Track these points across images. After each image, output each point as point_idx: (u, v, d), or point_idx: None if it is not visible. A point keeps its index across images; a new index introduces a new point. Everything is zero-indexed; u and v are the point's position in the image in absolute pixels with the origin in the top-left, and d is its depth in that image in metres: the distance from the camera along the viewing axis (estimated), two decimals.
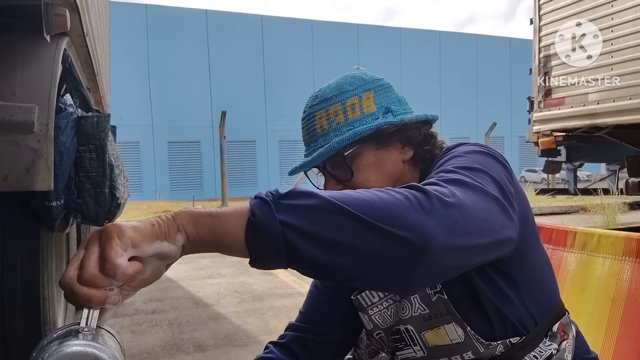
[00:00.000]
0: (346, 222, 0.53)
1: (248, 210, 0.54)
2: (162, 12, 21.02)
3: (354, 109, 0.84)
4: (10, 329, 1.64)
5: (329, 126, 0.84)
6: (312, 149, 0.85)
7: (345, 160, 0.83)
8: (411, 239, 0.53)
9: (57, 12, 1.59)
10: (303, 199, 0.55)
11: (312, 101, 0.87)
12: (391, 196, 0.56)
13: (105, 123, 1.80)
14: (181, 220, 0.53)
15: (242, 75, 21.53)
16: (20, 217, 1.65)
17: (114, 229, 0.50)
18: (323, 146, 0.82)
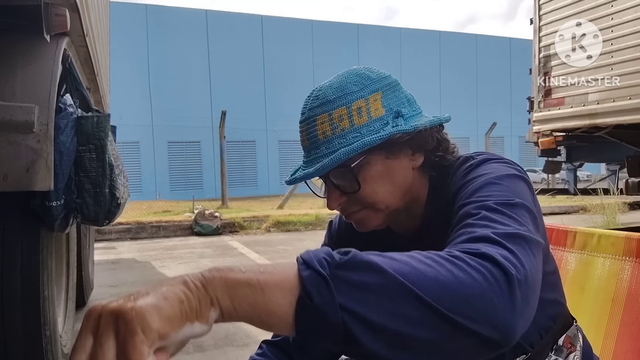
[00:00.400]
0: (418, 311, 0.45)
1: (298, 284, 0.45)
2: (162, 12, 21.02)
3: (361, 113, 0.75)
4: (10, 329, 1.64)
5: (332, 132, 0.75)
6: (313, 157, 0.77)
7: (352, 171, 0.75)
8: (491, 336, 0.47)
9: (57, 12, 1.60)
10: (367, 275, 0.46)
11: (312, 102, 0.77)
12: (467, 275, 0.48)
13: (105, 123, 1.80)
14: (215, 292, 0.43)
15: (242, 75, 21.53)
16: (20, 217, 1.65)
17: (137, 319, 0.39)
18: (327, 155, 0.74)
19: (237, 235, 7.58)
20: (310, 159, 0.77)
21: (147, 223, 7.60)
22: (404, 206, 0.81)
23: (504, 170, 0.71)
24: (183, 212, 8.91)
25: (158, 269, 4.98)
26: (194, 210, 8.26)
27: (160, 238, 7.37)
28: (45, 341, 1.70)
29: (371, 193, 0.77)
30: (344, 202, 0.78)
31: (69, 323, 2.37)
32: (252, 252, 5.96)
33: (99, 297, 3.83)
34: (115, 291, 4.04)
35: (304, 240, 6.92)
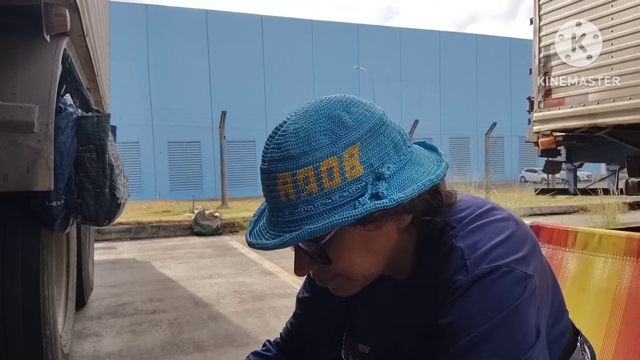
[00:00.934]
0: None
1: None
2: (162, 12, 21.03)
3: (332, 174, 0.59)
4: (10, 329, 1.64)
5: (296, 197, 0.60)
6: (275, 220, 0.64)
7: (321, 248, 0.63)
8: None
9: (57, 12, 1.60)
10: None
11: (272, 151, 0.62)
12: None
13: (105, 123, 1.80)
14: None
15: (242, 75, 21.53)
16: (20, 217, 1.65)
17: None
18: (290, 225, 0.61)
19: (237, 235, 7.58)
20: (272, 221, 0.64)
21: (147, 223, 7.60)
22: (386, 268, 0.70)
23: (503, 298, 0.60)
24: (183, 212, 8.91)
25: (158, 269, 4.98)
26: (194, 210, 8.26)
27: (160, 238, 7.37)
28: (45, 341, 1.70)
29: (346, 266, 0.66)
30: (315, 269, 0.68)
31: (69, 323, 2.37)
32: (252, 252, 5.96)
33: (99, 297, 3.83)
34: (115, 291, 4.04)
35: None
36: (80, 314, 3.33)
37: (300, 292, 0.92)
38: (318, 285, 0.74)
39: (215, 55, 21.37)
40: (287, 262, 5.17)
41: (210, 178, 18.68)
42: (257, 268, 4.99)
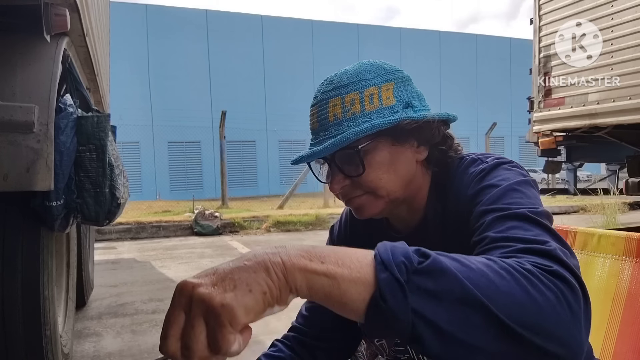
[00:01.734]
0: (488, 325, 0.46)
1: (374, 281, 0.47)
2: (162, 12, 21.02)
3: (372, 99, 0.76)
4: (10, 329, 1.64)
5: (342, 115, 0.76)
6: (321, 138, 0.77)
7: (358, 153, 0.75)
8: (558, 352, 0.48)
9: (57, 12, 1.60)
10: (442, 283, 0.47)
11: (325, 86, 0.79)
12: (541, 293, 0.48)
13: (105, 123, 1.80)
14: (294, 282, 0.46)
15: (242, 75, 21.53)
16: (20, 217, 1.65)
17: (225, 314, 0.43)
18: (335, 136, 0.75)
19: (237, 235, 7.58)
20: (317, 141, 0.78)
21: (147, 223, 7.60)
22: (404, 197, 0.81)
23: (518, 176, 0.72)
24: (183, 212, 8.91)
25: (158, 269, 4.98)
26: (194, 210, 8.26)
27: (160, 238, 7.37)
28: (45, 341, 1.70)
29: (375, 178, 0.77)
30: (347, 186, 0.78)
31: (69, 323, 2.37)
32: None
33: (99, 297, 3.83)
34: (115, 291, 4.04)
35: (304, 240, 6.92)
36: (81, 314, 3.33)
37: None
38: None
39: (215, 55, 21.37)
40: None
41: (210, 178, 18.69)
42: None
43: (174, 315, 0.44)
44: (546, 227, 0.61)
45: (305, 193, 13.00)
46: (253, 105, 21.27)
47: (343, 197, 0.80)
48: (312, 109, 0.80)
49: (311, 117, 0.80)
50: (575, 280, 0.52)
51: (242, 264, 0.46)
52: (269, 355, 0.93)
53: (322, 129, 0.78)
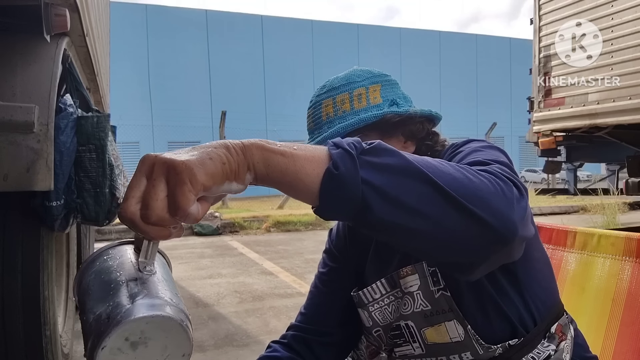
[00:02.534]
0: (431, 193, 0.51)
1: (327, 158, 0.51)
2: (162, 12, 21.03)
3: (360, 98, 0.84)
4: (10, 329, 1.64)
5: (334, 114, 0.84)
6: (316, 136, 0.86)
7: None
8: (495, 225, 0.52)
9: (57, 12, 1.60)
10: (388, 158, 0.52)
11: (320, 90, 0.89)
12: (475, 177, 0.54)
13: (105, 123, 1.80)
14: (252, 158, 0.49)
15: (242, 75, 21.53)
16: (20, 217, 1.65)
17: (185, 171, 0.45)
18: (327, 132, 0.83)
19: (237, 235, 7.58)
20: (312, 138, 0.86)
21: None
22: None
23: (488, 144, 0.77)
24: None
25: None
26: None
27: None
28: (45, 341, 1.70)
29: None
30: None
31: (69, 323, 2.37)
32: (252, 252, 5.96)
33: None
34: None
35: (304, 240, 6.92)
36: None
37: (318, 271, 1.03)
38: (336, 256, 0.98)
39: (215, 55, 21.37)
40: (287, 262, 5.17)
41: None
42: (257, 268, 4.99)
43: (135, 179, 0.46)
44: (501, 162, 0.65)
45: None
46: (253, 105, 21.27)
47: None
48: (308, 112, 0.89)
49: (307, 119, 0.89)
50: (512, 179, 0.58)
51: (205, 145, 0.49)
52: (266, 357, 0.93)
53: (316, 128, 0.86)
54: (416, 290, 0.78)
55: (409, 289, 0.79)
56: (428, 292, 0.77)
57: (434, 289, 0.77)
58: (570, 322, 0.84)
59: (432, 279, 0.77)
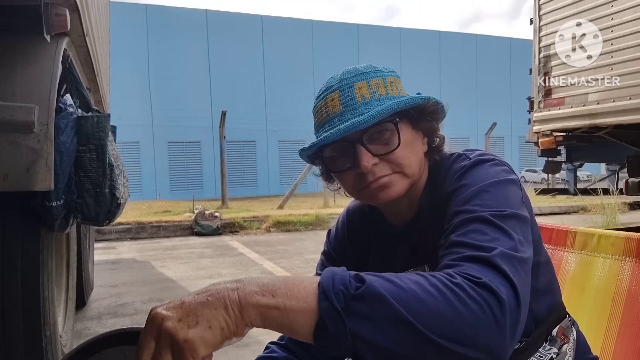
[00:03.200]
0: (420, 343, 0.53)
1: (317, 312, 0.53)
2: (162, 12, 21.03)
3: (392, 86, 0.81)
4: (10, 329, 1.64)
5: (370, 96, 0.79)
6: (348, 118, 0.78)
7: (396, 126, 0.78)
8: (482, 358, 0.54)
9: (57, 12, 1.60)
10: (375, 307, 0.53)
11: (345, 74, 0.82)
12: (466, 306, 0.54)
13: (105, 123, 1.80)
14: (250, 317, 0.53)
15: (242, 75, 21.53)
16: (20, 217, 1.65)
17: (187, 348, 0.50)
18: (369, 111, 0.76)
19: (237, 235, 7.58)
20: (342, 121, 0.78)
21: (147, 223, 7.60)
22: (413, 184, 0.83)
23: (496, 174, 0.75)
24: (183, 212, 8.91)
25: (158, 269, 4.98)
26: (194, 211, 8.26)
27: (160, 238, 7.37)
28: (45, 341, 1.70)
29: (405, 155, 0.79)
30: (375, 165, 0.79)
31: (69, 323, 2.37)
32: (252, 252, 5.96)
33: (99, 297, 3.83)
34: (115, 291, 4.04)
35: (304, 240, 6.92)
36: (80, 314, 3.33)
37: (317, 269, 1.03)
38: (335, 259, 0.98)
39: (215, 55, 21.36)
40: (287, 262, 5.17)
41: (210, 178, 18.68)
42: (257, 268, 4.99)
43: (146, 341, 0.51)
44: (504, 230, 0.65)
45: (305, 193, 13.00)
46: (253, 105, 21.27)
47: (370, 176, 0.79)
48: (331, 95, 0.80)
49: (329, 102, 0.80)
50: (507, 288, 0.57)
51: (205, 299, 0.52)
52: (263, 358, 0.93)
53: (349, 110, 0.78)
54: None
55: None
56: None
57: None
58: (572, 325, 0.83)
59: None
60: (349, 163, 0.80)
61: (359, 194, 0.84)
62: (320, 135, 0.80)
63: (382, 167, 0.79)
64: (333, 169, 0.83)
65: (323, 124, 0.81)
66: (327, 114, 0.80)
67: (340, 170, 0.81)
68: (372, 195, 0.81)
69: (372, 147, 0.78)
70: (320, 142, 0.78)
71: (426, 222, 0.83)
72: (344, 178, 0.82)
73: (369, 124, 0.75)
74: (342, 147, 0.80)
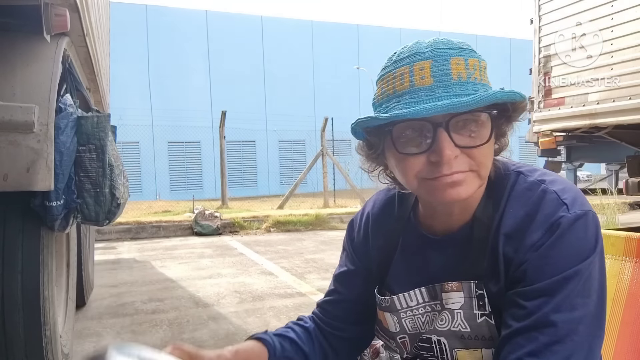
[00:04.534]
0: None
1: None
2: (162, 12, 21.02)
3: (485, 72, 0.71)
4: (10, 329, 1.64)
5: (467, 77, 0.68)
6: (441, 95, 0.67)
7: (490, 119, 0.69)
8: None
9: (57, 12, 1.60)
10: None
11: (438, 44, 0.71)
12: None
13: (105, 123, 1.80)
14: None
15: (242, 75, 21.53)
16: (20, 217, 1.65)
17: None
18: (467, 95, 0.66)
19: (237, 235, 7.58)
20: (437, 96, 0.67)
21: (147, 223, 7.60)
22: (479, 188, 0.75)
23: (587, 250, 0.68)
24: (183, 212, 8.91)
25: (158, 269, 4.98)
26: (194, 211, 8.26)
27: (160, 238, 7.37)
28: (45, 341, 1.70)
29: (486, 154, 0.71)
30: (458, 157, 0.69)
31: (69, 323, 2.37)
32: (252, 252, 5.96)
33: (99, 297, 3.83)
34: (115, 291, 4.04)
35: (304, 240, 6.92)
36: (81, 314, 3.32)
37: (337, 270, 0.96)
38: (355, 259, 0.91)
39: (215, 55, 21.37)
40: (287, 262, 5.17)
41: (210, 178, 18.68)
42: (257, 268, 4.99)
43: None
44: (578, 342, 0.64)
45: (305, 193, 13.00)
46: (253, 105, 21.26)
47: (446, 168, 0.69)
48: (420, 63, 0.68)
49: (417, 71, 0.68)
50: None
51: None
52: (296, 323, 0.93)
53: (441, 85, 0.67)
54: (457, 309, 0.75)
55: (450, 305, 0.76)
56: (470, 314, 0.74)
57: (478, 312, 0.73)
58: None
59: (477, 302, 0.74)
60: (424, 147, 0.69)
61: (420, 184, 0.72)
62: (393, 106, 0.69)
63: (461, 161, 0.69)
64: (400, 149, 0.71)
65: (402, 94, 0.69)
66: (410, 84, 0.68)
67: (411, 153, 0.70)
68: (438, 190, 0.70)
69: (455, 136, 0.68)
70: (402, 115, 0.66)
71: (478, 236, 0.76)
72: (410, 162, 0.70)
73: (469, 108, 0.65)
74: (421, 127, 0.69)
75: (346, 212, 8.95)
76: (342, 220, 8.50)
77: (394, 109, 0.68)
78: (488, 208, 0.76)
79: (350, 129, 0.75)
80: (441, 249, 0.80)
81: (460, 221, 0.78)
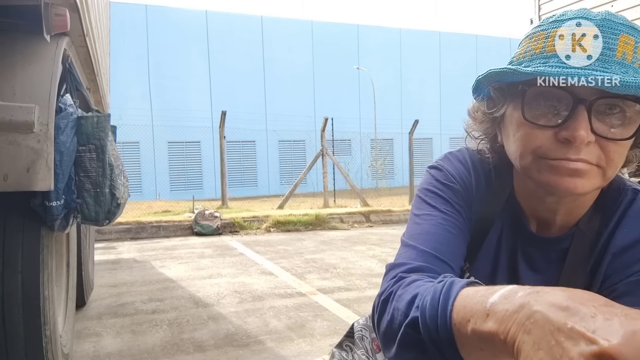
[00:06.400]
0: None
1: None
2: (162, 12, 21.03)
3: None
4: (10, 329, 1.64)
5: (632, 60, 0.61)
6: (599, 68, 0.60)
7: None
8: None
9: (57, 12, 1.60)
10: None
11: (609, 15, 0.65)
12: None
13: (105, 123, 1.80)
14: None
15: (242, 75, 21.53)
16: (20, 217, 1.65)
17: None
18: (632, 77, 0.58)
19: (237, 235, 7.58)
20: (592, 68, 0.61)
21: (147, 223, 7.60)
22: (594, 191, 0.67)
23: None
24: (183, 212, 8.91)
25: (158, 269, 4.98)
26: (194, 211, 8.26)
27: (160, 238, 7.37)
28: (45, 341, 1.70)
29: (621, 153, 0.63)
30: (589, 147, 0.61)
31: (69, 323, 2.37)
32: (252, 252, 5.96)
33: (99, 297, 3.84)
34: (115, 291, 4.04)
35: (304, 240, 6.92)
36: (80, 314, 3.33)
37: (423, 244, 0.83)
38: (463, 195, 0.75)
39: (215, 55, 21.37)
40: (287, 262, 5.17)
41: (210, 178, 18.68)
42: (257, 268, 4.99)
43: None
44: None
45: (305, 193, 13.01)
46: (253, 105, 21.27)
47: (574, 152, 0.61)
48: (585, 29, 0.63)
49: (577, 35, 0.64)
50: None
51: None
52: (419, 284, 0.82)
53: (600, 59, 0.61)
54: None
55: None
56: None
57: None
58: None
59: None
60: (555, 121, 0.61)
61: (533, 162, 0.63)
62: (537, 67, 0.62)
63: (591, 150, 0.61)
64: (528, 116, 0.63)
65: (550, 56, 0.63)
66: (564, 46, 0.63)
67: (538, 123, 0.62)
68: (554, 174, 0.62)
69: (594, 121, 0.60)
70: (548, 73, 0.60)
71: (578, 249, 0.69)
72: (533, 133, 0.62)
73: (626, 92, 0.58)
74: (560, 97, 0.61)
75: (346, 212, 8.96)
76: (342, 220, 8.50)
77: (547, 67, 0.61)
78: (594, 221, 0.69)
79: (475, 81, 0.67)
80: (547, 248, 0.72)
81: (560, 227, 0.71)
